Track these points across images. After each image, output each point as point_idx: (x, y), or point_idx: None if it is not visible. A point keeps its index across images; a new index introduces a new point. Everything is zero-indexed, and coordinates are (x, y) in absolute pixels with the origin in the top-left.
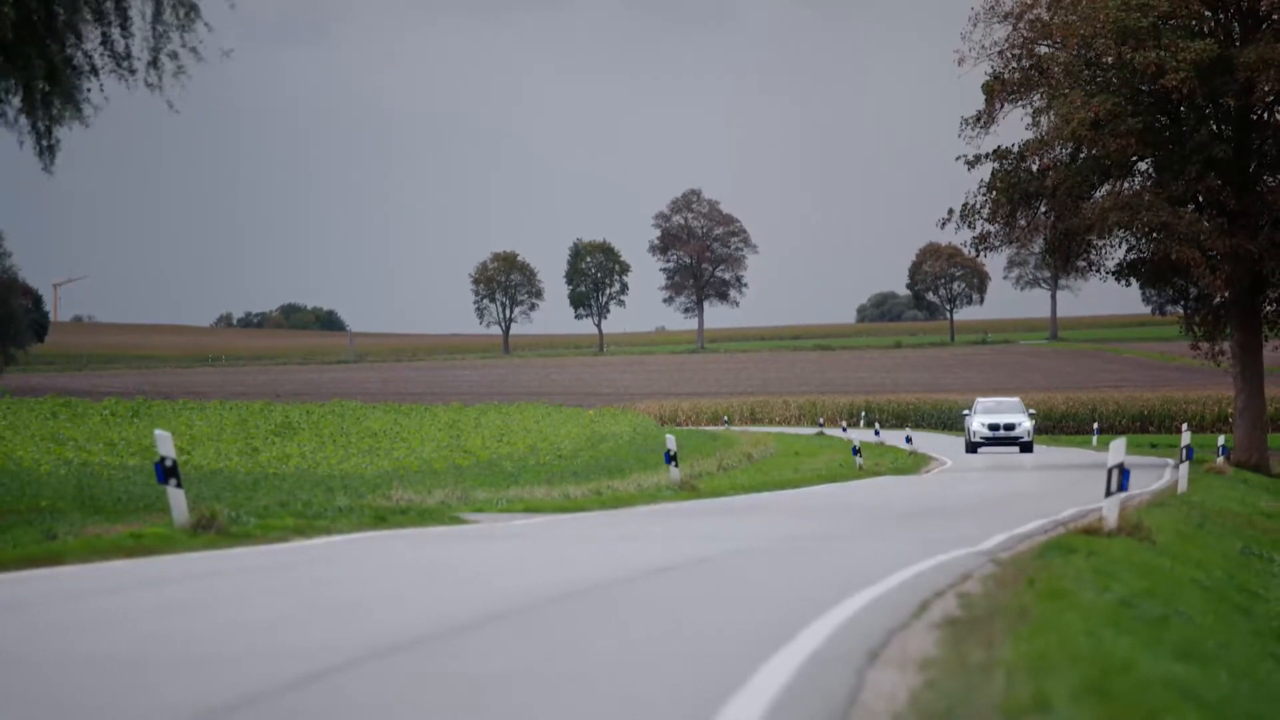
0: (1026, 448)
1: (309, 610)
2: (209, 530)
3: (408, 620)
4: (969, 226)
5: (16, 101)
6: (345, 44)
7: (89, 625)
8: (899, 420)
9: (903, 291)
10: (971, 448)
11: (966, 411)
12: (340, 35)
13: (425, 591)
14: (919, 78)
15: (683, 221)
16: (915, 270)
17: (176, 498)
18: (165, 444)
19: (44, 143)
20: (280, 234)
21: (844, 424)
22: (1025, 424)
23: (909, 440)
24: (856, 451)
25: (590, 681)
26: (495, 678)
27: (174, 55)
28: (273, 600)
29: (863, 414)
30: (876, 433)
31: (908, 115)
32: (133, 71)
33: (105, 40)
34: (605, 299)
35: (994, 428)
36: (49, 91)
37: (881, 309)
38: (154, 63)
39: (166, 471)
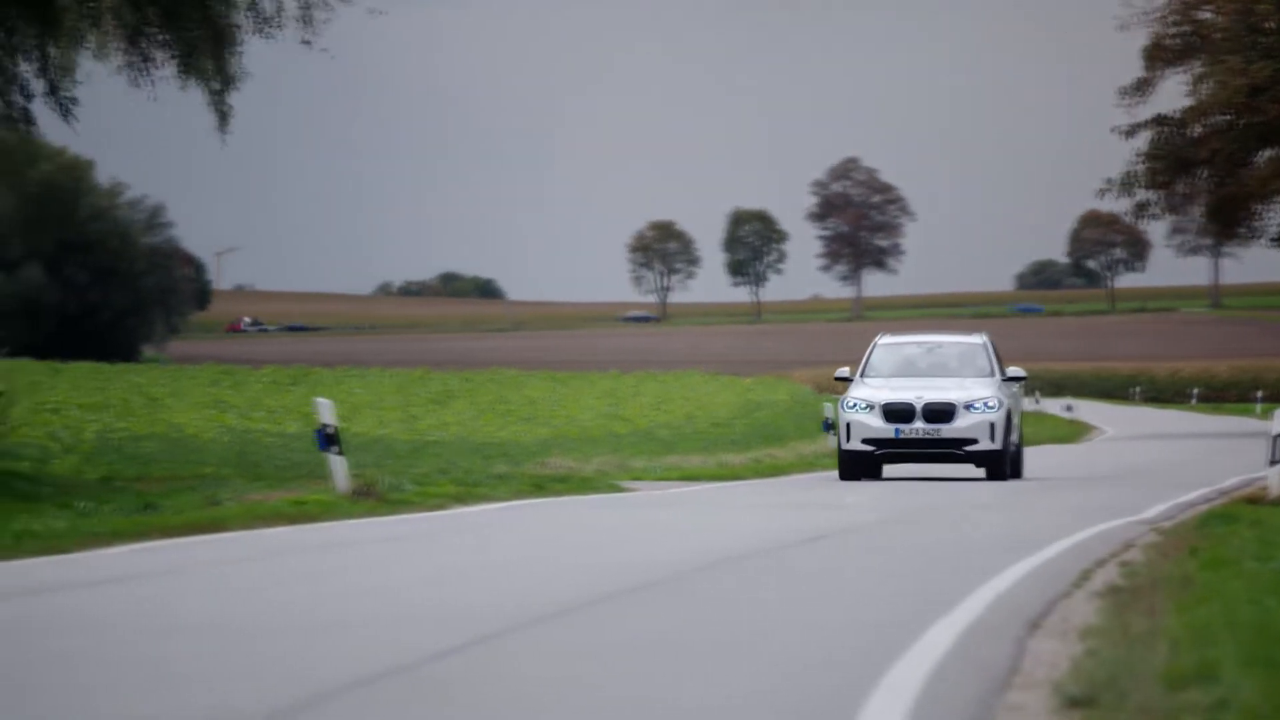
0: (990, 465)
1: (464, 577)
2: (369, 497)
3: (562, 587)
4: (1128, 194)
5: (174, 67)
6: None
7: (243, 590)
8: (1057, 389)
9: (1061, 259)
10: (846, 465)
11: (843, 371)
12: None
13: (581, 559)
14: (1078, 42)
15: (840, 189)
16: (1075, 237)
17: (337, 465)
18: (326, 411)
19: (219, 109)
20: (439, 202)
21: None
22: (988, 404)
23: (1069, 408)
24: None
25: (742, 648)
26: (648, 644)
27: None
28: (429, 567)
29: None
30: (1035, 401)
31: (1067, 80)
32: (280, 27)
33: (253, 4)
34: (762, 267)
35: (899, 413)
36: (212, 55)
37: (1040, 276)
38: (306, 20)
39: (327, 439)
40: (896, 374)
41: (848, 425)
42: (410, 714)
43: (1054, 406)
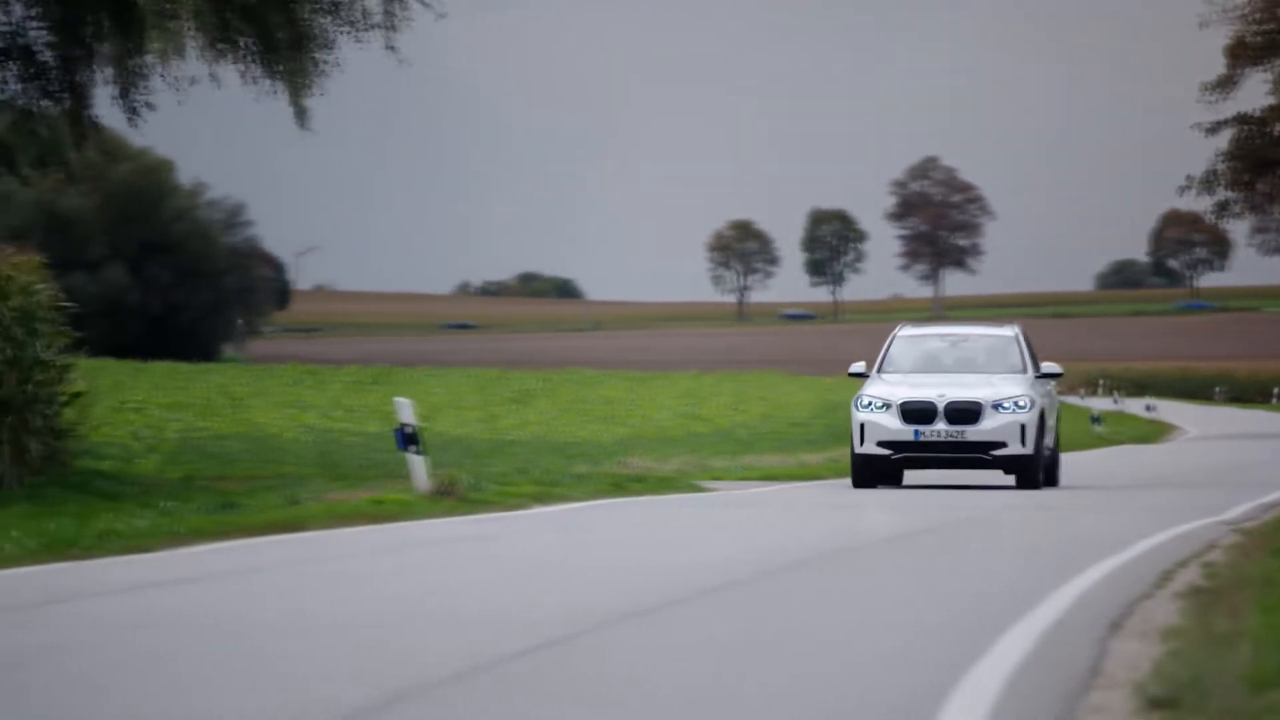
0: (1021, 471)
1: (544, 577)
2: (449, 497)
3: (643, 587)
4: (1209, 193)
5: (255, 68)
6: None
7: (323, 589)
8: (1138, 388)
9: (1142, 258)
10: (859, 470)
11: (858, 367)
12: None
13: (661, 558)
14: (1161, 39)
15: (919, 189)
16: (1157, 236)
17: (417, 464)
18: (406, 411)
19: (299, 109)
20: (518, 202)
21: (1082, 391)
22: (1019, 403)
23: (1149, 408)
24: (1096, 419)
25: (820, 649)
26: (724, 646)
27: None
28: (508, 567)
29: (1101, 382)
30: (1116, 400)
31: (1146, 78)
32: (371, 28)
33: (336, 6)
34: (841, 267)
35: (919, 413)
36: (292, 56)
37: (1121, 276)
38: (389, 25)
39: (407, 438)
40: (917, 369)
41: (861, 426)
42: (493, 713)
43: (1135, 406)
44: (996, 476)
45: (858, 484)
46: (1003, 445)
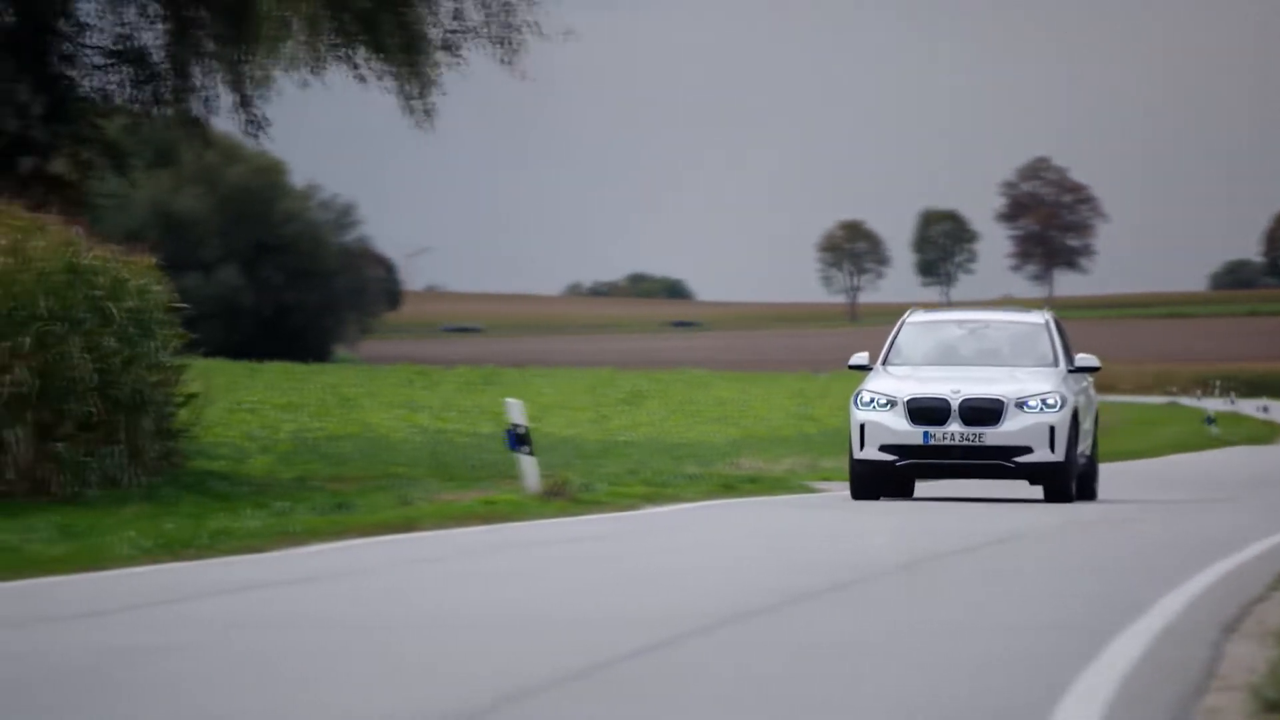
0: (1049, 481)
1: (653, 578)
2: (560, 497)
3: (752, 588)
4: None
5: (370, 71)
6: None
7: (435, 589)
8: (1253, 389)
9: (1256, 258)
10: (859, 480)
11: (860, 358)
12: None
13: (769, 560)
14: (1272, 37)
15: (1030, 189)
16: (1270, 236)
17: (528, 465)
18: (517, 411)
19: (413, 112)
20: (628, 203)
21: (1198, 392)
22: (1048, 401)
23: (1265, 409)
24: (1210, 421)
25: (930, 650)
26: (836, 646)
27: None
28: (619, 567)
29: (1216, 383)
30: (1231, 402)
31: (1261, 75)
32: (491, 41)
33: (457, 14)
34: (952, 267)
35: (929, 412)
36: (407, 61)
37: (1234, 276)
38: (504, 40)
39: (518, 439)
40: (930, 361)
41: (861, 427)
42: (606, 713)
43: (1249, 407)
44: (1020, 487)
45: (857, 495)
46: (1028, 450)
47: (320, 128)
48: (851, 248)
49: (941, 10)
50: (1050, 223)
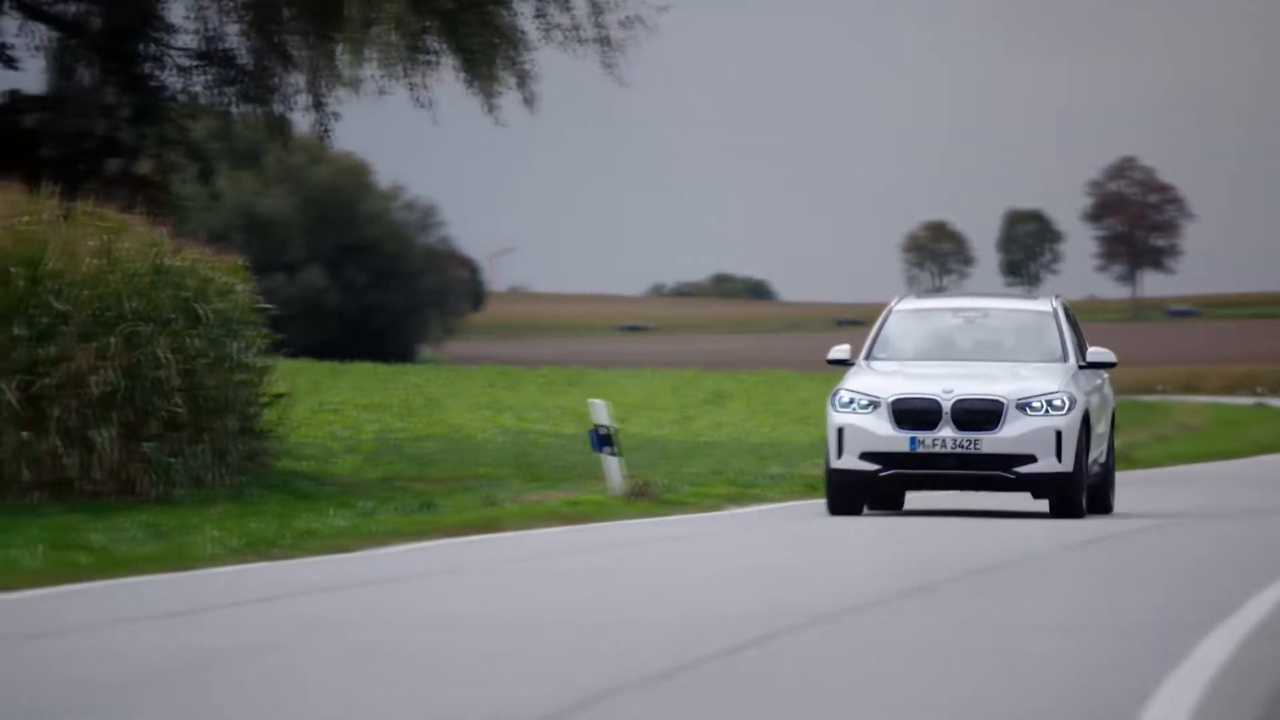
0: (1056, 494)
1: (739, 578)
2: (644, 498)
3: (837, 588)
4: None
5: (454, 72)
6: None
7: (521, 589)
8: None
9: None
10: (837, 492)
11: (840, 352)
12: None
13: (854, 559)
14: None
15: (1117, 189)
16: None
17: (612, 465)
18: (601, 412)
19: (490, 109)
20: (712, 203)
21: None
22: (1054, 402)
23: None
24: None
25: (1013, 652)
26: (922, 647)
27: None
28: (705, 567)
29: None
30: None
31: None
32: (581, 42)
33: (540, 13)
34: (1037, 267)
35: (917, 414)
36: (492, 62)
37: None
38: (604, 40)
39: (601, 439)
40: (920, 355)
41: (839, 431)
42: (695, 713)
43: None
44: (1023, 500)
45: (835, 510)
46: (1030, 459)
47: (405, 129)
48: (936, 248)
49: (1031, 9)
50: (1137, 223)
